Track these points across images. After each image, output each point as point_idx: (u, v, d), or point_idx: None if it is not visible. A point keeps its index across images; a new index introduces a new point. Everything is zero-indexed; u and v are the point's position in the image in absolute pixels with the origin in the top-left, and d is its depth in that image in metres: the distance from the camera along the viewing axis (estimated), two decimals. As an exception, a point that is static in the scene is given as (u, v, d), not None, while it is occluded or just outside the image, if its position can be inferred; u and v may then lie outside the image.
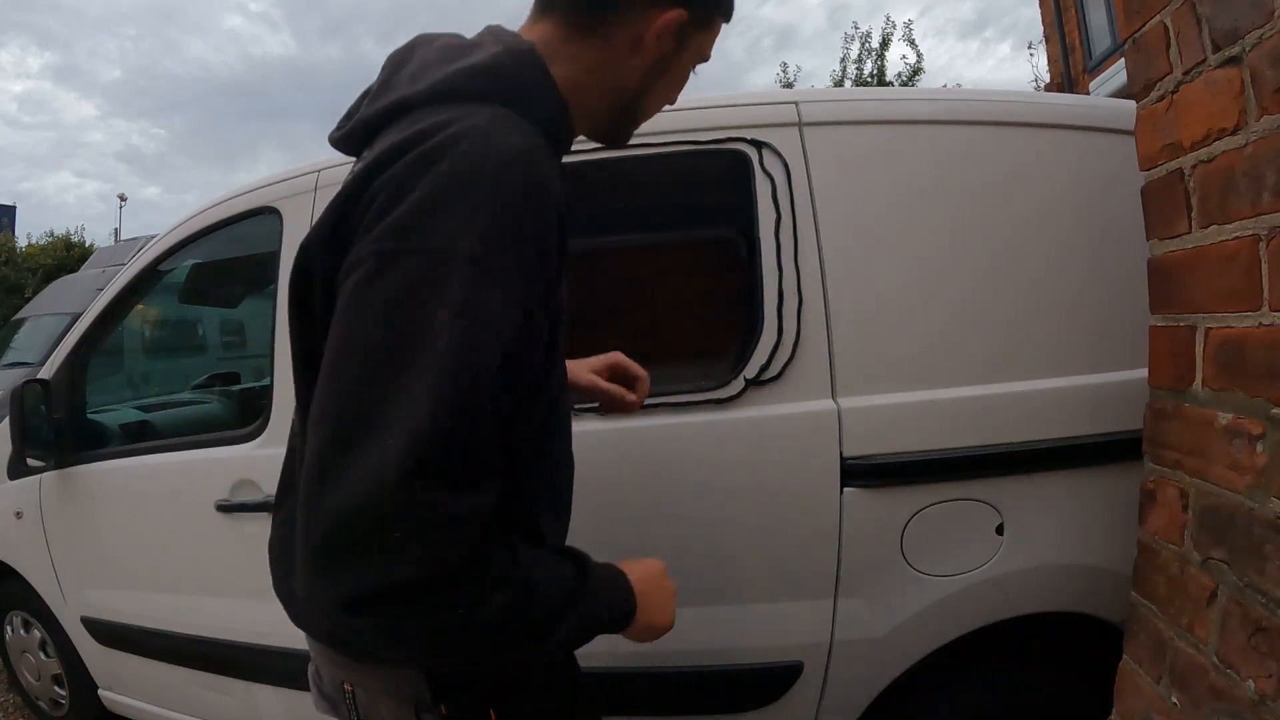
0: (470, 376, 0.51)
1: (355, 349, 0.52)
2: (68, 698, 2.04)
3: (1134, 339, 1.03)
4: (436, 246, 0.52)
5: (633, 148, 1.28)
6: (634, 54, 0.69)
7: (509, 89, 0.62)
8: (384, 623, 0.51)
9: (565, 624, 0.60)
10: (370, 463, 0.48)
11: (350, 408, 0.50)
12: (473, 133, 0.55)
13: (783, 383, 1.20)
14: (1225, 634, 0.78)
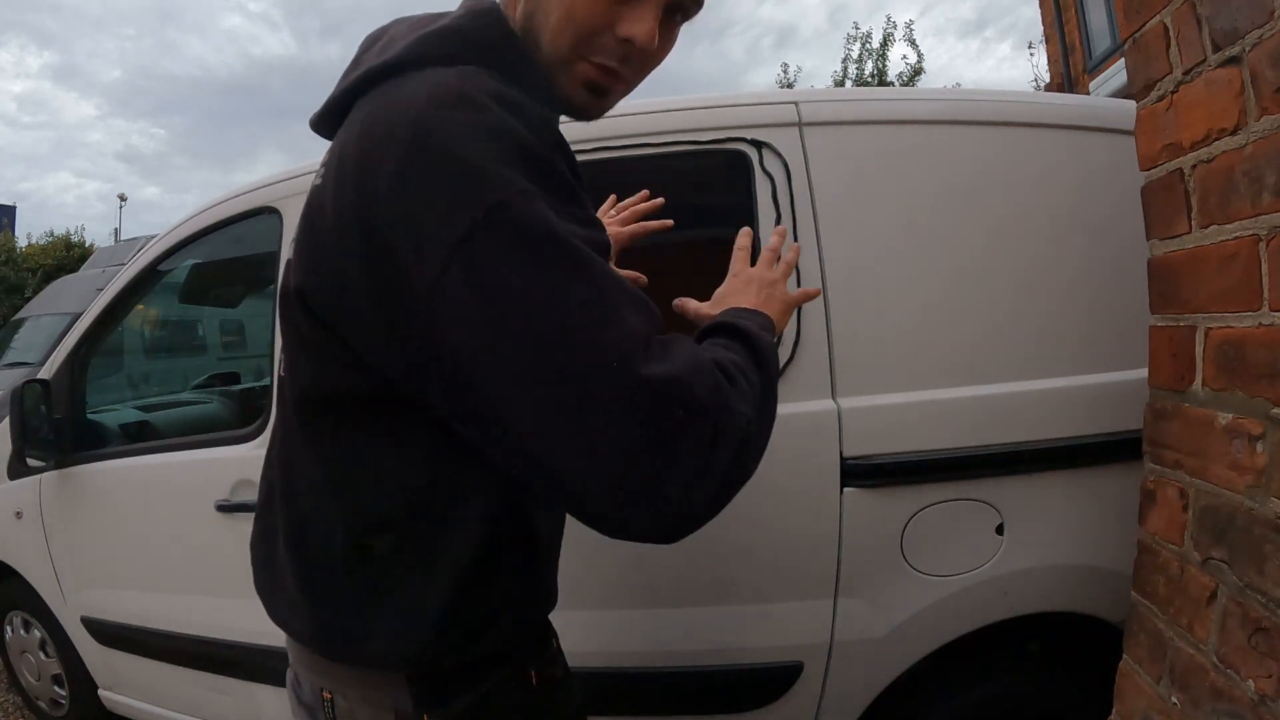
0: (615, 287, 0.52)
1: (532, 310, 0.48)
2: (68, 698, 2.04)
3: (1134, 339, 1.03)
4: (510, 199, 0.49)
5: (633, 148, 1.29)
6: None
7: (475, 49, 0.58)
8: (721, 474, 0.52)
9: (770, 369, 0.62)
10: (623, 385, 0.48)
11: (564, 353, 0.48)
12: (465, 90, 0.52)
13: (783, 383, 1.20)
14: (1225, 634, 0.78)
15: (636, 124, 1.29)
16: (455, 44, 0.58)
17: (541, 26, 0.61)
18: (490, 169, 0.49)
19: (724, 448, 0.52)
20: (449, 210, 0.48)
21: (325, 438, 0.63)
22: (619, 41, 0.60)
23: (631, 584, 1.26)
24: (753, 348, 0.62)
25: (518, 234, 0.48)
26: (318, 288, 0.57)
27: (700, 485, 0.51)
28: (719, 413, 0.52)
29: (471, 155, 0.49)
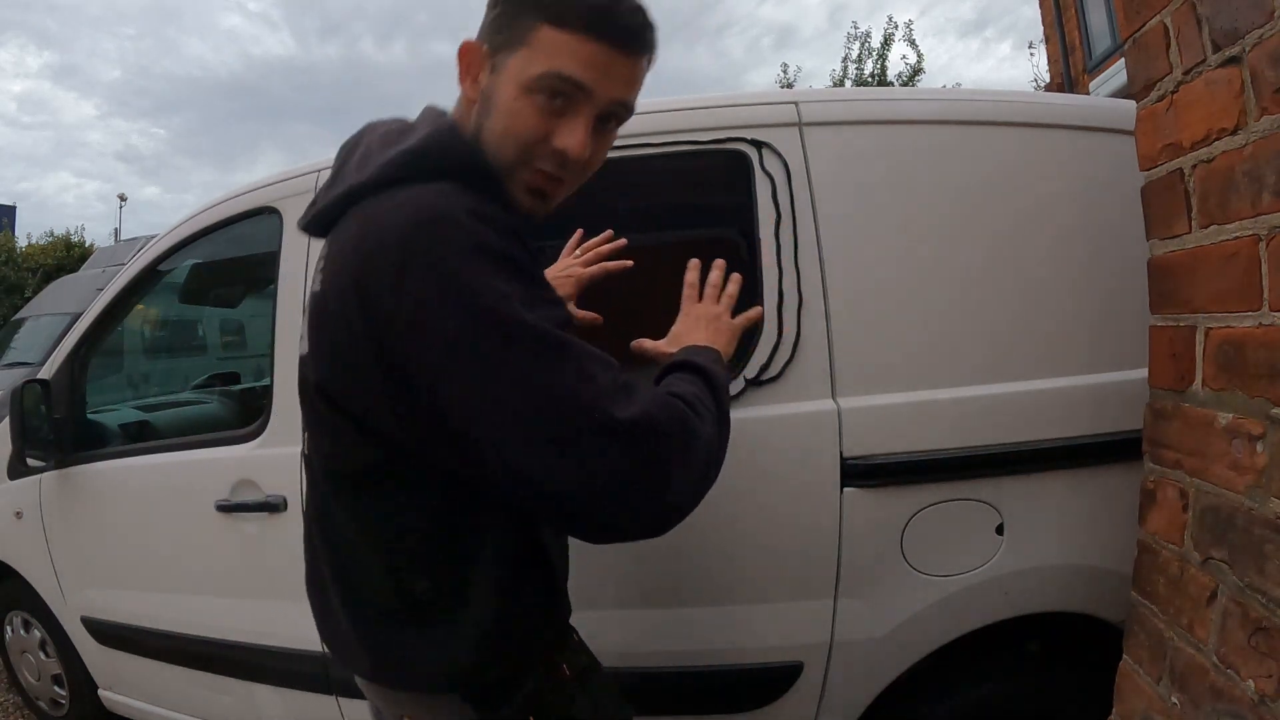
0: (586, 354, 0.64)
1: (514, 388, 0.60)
2: (68, 698, 2.04)
3: (1133, 339, 1.03)
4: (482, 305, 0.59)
5: (633, 148, 1.29)
6: (471, 106, 0.71)
7: (439, 166, 0.66)
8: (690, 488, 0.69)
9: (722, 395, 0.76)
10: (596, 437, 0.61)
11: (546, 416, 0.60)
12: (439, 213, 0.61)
13: (783, 383, 1.20)
14: (1225, 634, 0.78)
15: (636, 124, 1.28)
16: (424, 163, 0.66)
17: (488, 138, 0.69)
18: (475, 281, 0.59)
19: (692, 462, 0.67)
20: (444, 318, 0.59)
21: (353, 502, 0.73)
22: (555, 152, 0.69)
23: (631, 584, 1.26)
24: (708, 379, 0.76)
25: (504, 333, 0.59)
26: (337, 383, 0.68)
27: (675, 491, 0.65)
28: (684, 436, 0.66)
29: (459, 269, 0.59)
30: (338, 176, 0.74)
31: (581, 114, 0.68)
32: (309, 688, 1.46)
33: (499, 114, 0.68)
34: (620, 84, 0.69)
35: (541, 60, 0.66)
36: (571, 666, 0.83)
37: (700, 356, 0.81)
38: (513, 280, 0.61)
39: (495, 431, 0.60)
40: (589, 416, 0.60)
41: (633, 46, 0.69)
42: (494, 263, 0.60)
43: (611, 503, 0.62)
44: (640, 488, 0.63)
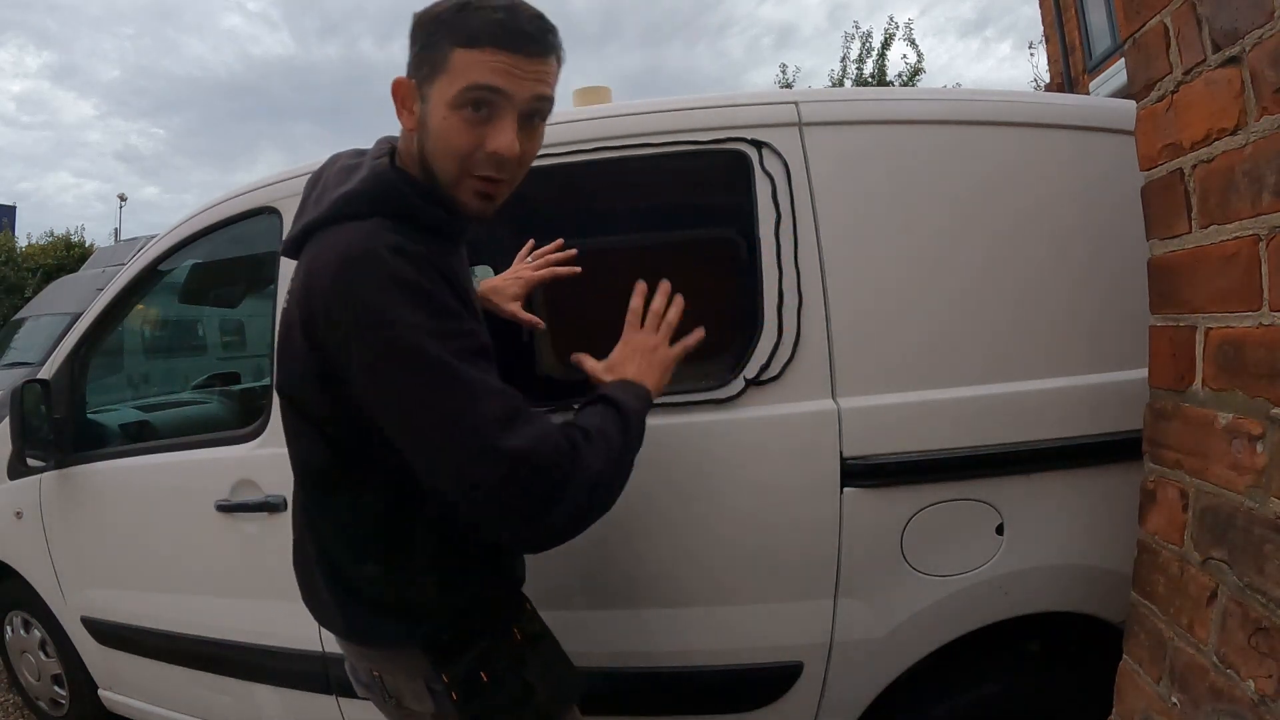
0: (480, 385, 0.72)
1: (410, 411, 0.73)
2: (68, 698, 2.04)
3: (1133, 339, 1.03)
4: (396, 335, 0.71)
5: (633, 148, 1.29)
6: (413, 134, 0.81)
7: (376, 205, 0.79)
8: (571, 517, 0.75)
9: (633, 431, 0.85)
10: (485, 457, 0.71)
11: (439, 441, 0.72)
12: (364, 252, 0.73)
13: (783, 383, 1.20)
14: (1225, 634, 0.78)
15: (636, 124, 1.29)
16: (364, 204, 0.79)
17: (431, 157, 0.80)
18: (387, 313, 0.71)
19: (573, 490, 0.74)
20: (362, 346, 0.73)
21: (319, 495, 0.89)
22: (489, 155, 0.77)
23: (631, 584, 1.26)
24: (623, 418, 0.84)
25: (406, 362, 0.71)
26: (296, 391, 0.84)
27: (552, 519, 0.73)
28: (567, 469, 0.74)
29: (374, 303, 0.72)
30: (303, 207, 0.89)
31: (506, 117, 0.76)
32: (309, 688, 1.46)
33: (434, 135, 0.78)
34: (532, 83, 0.77)
35: (459, 79, 0.74)
36: (523, 631, 0.94)
37: (623, 393, 0.88)
38: (420, 310, 0.72)
39: (407, 443, 0.74)
40: (471, 440, 0.70)
41: (536, 50, 0.76)
42: (407, 295, 0.72)
43: (490, 519, 0.73)
44: (515, 511, 0.72)
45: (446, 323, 0.73)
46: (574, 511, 0.75)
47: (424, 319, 0.72)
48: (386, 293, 0.72)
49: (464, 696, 0.86)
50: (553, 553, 1.26)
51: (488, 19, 0.73)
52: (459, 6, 0.74)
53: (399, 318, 0.71)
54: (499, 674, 0.88)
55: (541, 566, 1.28)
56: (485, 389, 0.73)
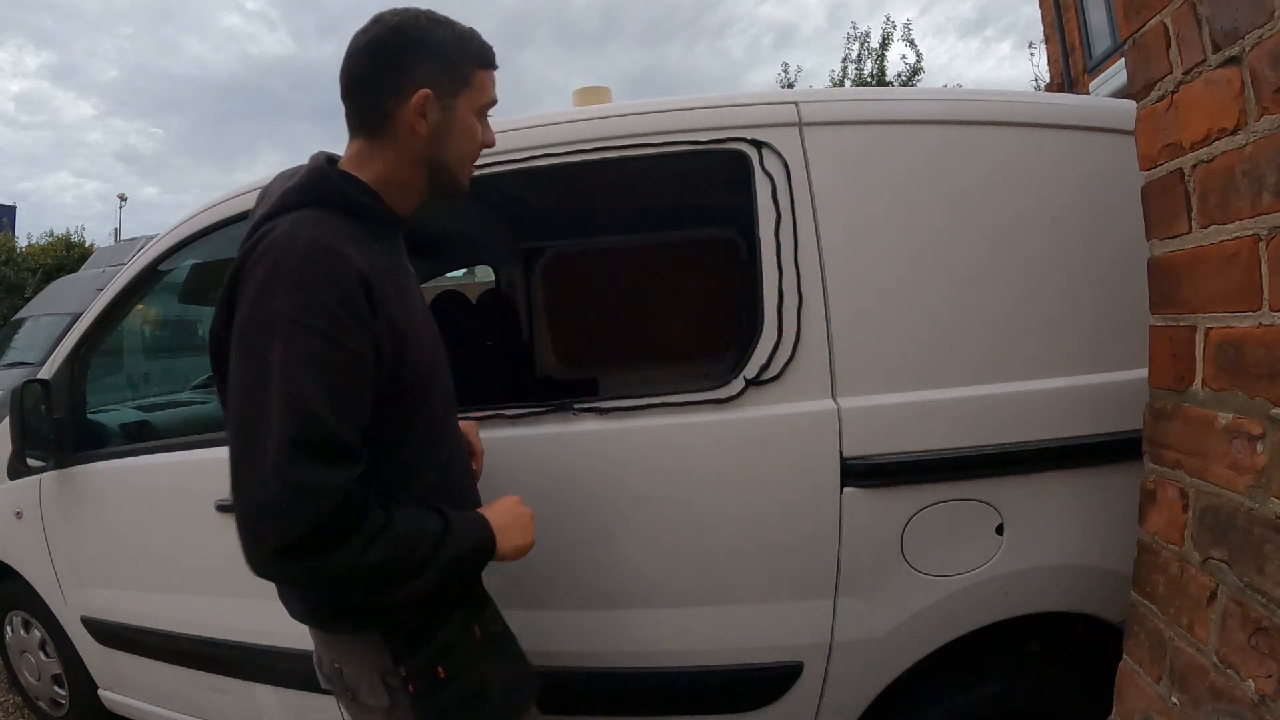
0: (304, 394, 0.73)
1: (241, 388, 0.77)
2: (68, 698, 2.04)
3: (1133, 339, 1.03)
4: (264, 316, 0.76)
5: (633, 148, 1.29)
6: (413, 137, 0.88)
7: (313, 196, 0.85)
8: (299, 569, 0.74)
9: (436, 563, 0.82)
10: (262, 457, 0.72)
11: (245, 426, 0.75)
12: (281, 234, 0.79)
13: (783, 383, 1.20)
14: (1225, 634, 0.78)
15: (637, 124, 1.29)
16: (299, 195, 0.85)
17: (450, 157, 0.92)
18: (272, 295, 0.76)
19: (327, 561, 0.74)
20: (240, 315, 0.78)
21: None
22: (485, 148, 0.96)
23: (632, 585, 1.26)
24: (449, 541, 0.84)
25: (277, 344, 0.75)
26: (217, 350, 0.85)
27: (282, 562, 0.73)
28: (329, 536, 0.73)
29: (267, 282, 0.77)
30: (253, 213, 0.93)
31: (488, 118, 0.96)
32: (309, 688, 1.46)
33: (462, 136, 0.91)
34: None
35: (483, 94, 0.92)
36: (483, 630, 0.96)
37: (466, 528, 0.88)
38: (301, 307, 0.75)
39: (228, 419, 0.78)
40: (264, 447, 0.72)
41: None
42: (295, 286, 0.76)
43: (240, 523, 0.74)
44: (253, 535, 0.73)
45: (336, 327, 0.76)
46: (310, 578, 0.77)
47: (310, 317, 0.75)
48: (280, 276, 0.76)
49: (420, 690, 0.88)
50: (552, 553, 1.27)
51: (484, 44, 0.92)
52: (469, 34, 0.91)
53: (277, 302, 0.75)
54: (457, 670, 0.90)
55: (541, 566, 1.28)
56: (310, 409, 0.73)
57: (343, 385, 0.77)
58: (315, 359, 0.75)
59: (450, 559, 0.83)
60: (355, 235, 0.83)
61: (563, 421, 1.27)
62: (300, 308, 0.75)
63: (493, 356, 2.70)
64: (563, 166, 1.32)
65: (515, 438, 1.28)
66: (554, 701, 1.31)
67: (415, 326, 0.88)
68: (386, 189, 0.90)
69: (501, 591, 1.30)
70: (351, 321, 0.77)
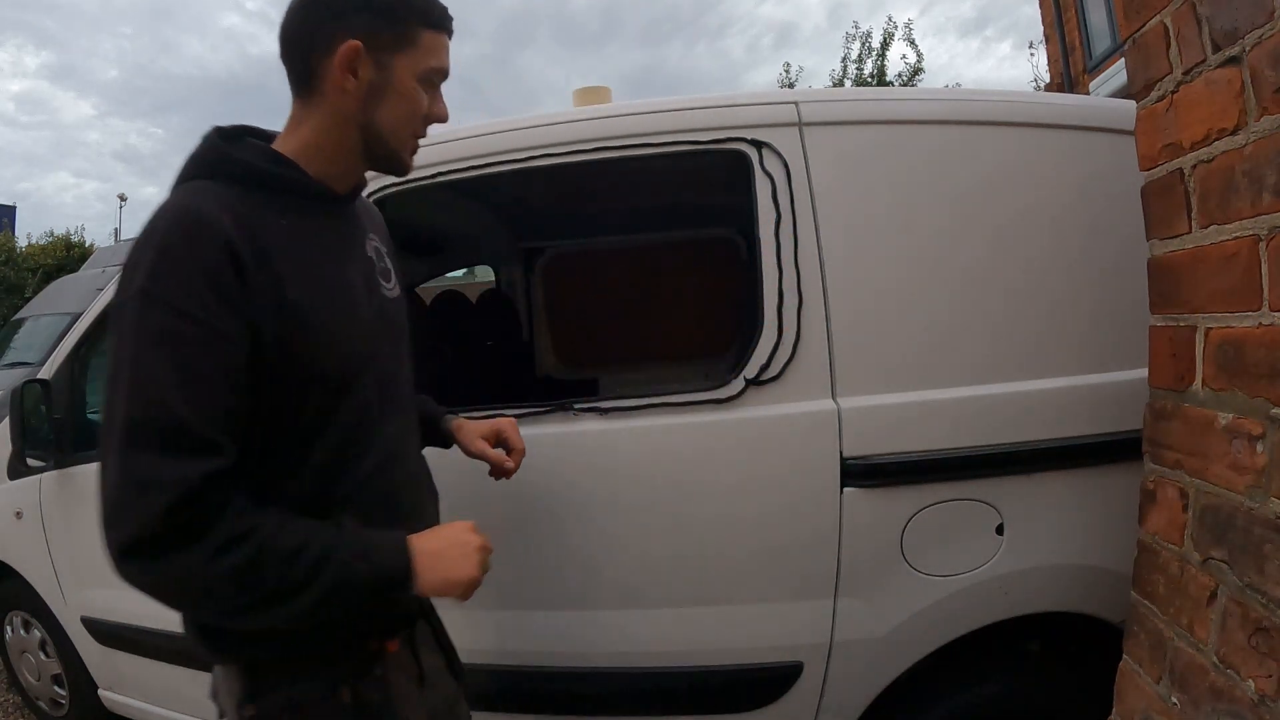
0: (149, 374, 0.67)
1: (107, 371, 0.70)
2: (68, 698, 2.04)
3: (1133, 339, 1.03)
4: (127, 291, 0.70)
5: (633, 148, 1.29)
6: (341, 96, 0.79)
7: (199, 167, 0.79)
8: (138, 573, 0.67)
9: (316, 587, 0.70)
10: (106, 445, 0.67)
11: (105, 411, 0.69)
12: (160, 208, 0.74)
13: (783, 383, 1.20)
14: (1225, 634, 0.78)
15: (636, 124, 1.29)
16: (187, 168, 0.79)
17: (384, 123, 0.81)
18: (137, 275, 0.69)
19: (151, 558, 0.66)
20: (123, 289, 0.71)
21: None
22: (432, 120, 0.85)
23: (632, 585, 1.26)
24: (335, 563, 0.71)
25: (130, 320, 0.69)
26: None
27: (132, 556, 0.67)
28: (175, 537, 0.66)
29: (136, 256, 0.71)
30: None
31: (440, 89, 0.85)
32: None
33: (399, 101, 0.81)
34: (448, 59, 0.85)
35: (429, 57, 0.81)
36: (355, 695, 0.80)
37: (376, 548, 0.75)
38: (170, 286, 0.68)
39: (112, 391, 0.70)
40: (118, 423, 0.66)
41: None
42: (168, 272, 0.69)
43: (101, 506, 0.69)
44: (103, 533, 0.68)
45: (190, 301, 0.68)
46: (150, 584, 0.68)
47: (154, 286, 0.68)
48: (145, 249, 0.70)
49: None
50: (551, 552, 1.27)
51: (436, 4, 0.82)
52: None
53: (138, 277, 0.69)
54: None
55: (540, 566, 1.28)
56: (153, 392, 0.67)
57: (197, 367, 0.68)
58: (166, 336, 0.67)
59: (336, 584, 0.70)
60: (252, 207, 0.75)
61: (563, 421, 1.27)
62: (155, 280, 0.68)
63: (493, 356, 2.70)
64: (563, 166, 1.32)
65: (515, 438, 1.28)
66: (554, 702, 1.32)
67: (329, 313, 0.77)
68: (313, 156, 0.81)
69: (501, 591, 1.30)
70: (214, 296, 0.69)
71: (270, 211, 0.76)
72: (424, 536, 0.79)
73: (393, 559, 0.75)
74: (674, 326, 2.86)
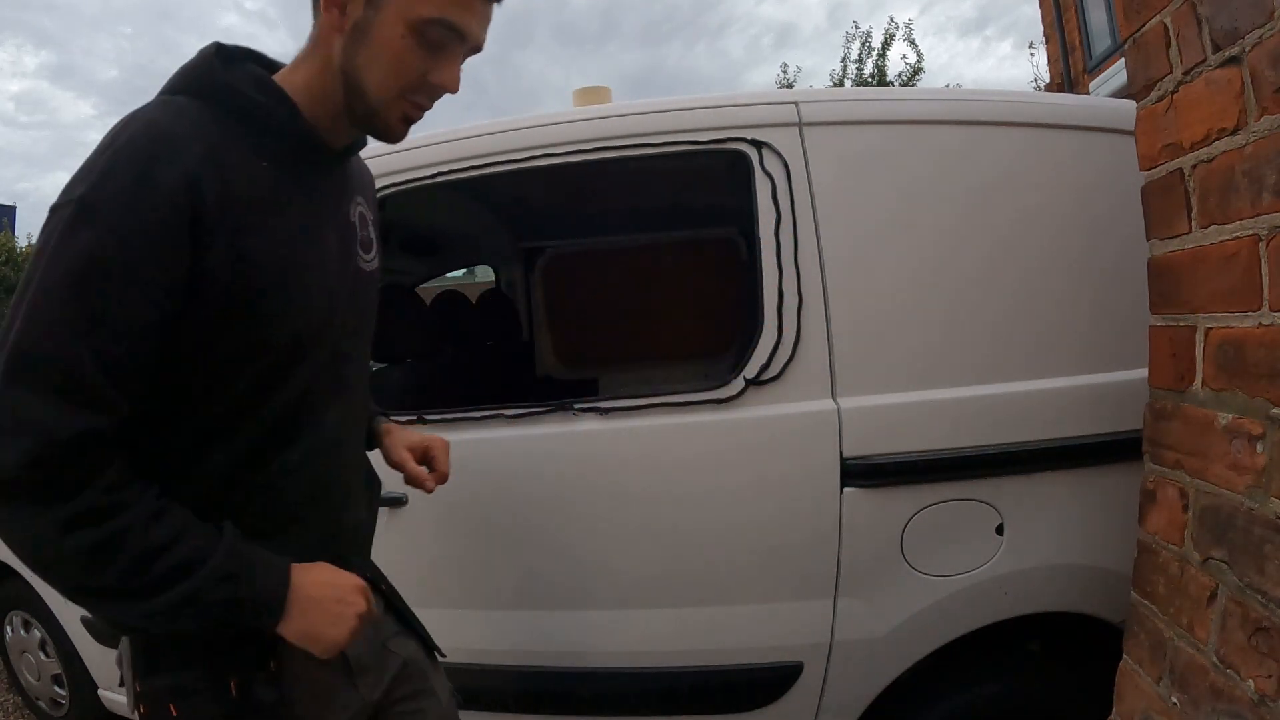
0: (57, 302, 0.59)
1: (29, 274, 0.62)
2: (68, 698, 2.04)
3: (1133, 339, 1.03)
4: (66, 195, 0.62)
5: (633, 148, 1.29)
6: (330, 35, 0.70)
7: (190, 82, 0.70)
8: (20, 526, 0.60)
9: (173, 594, 0.62)
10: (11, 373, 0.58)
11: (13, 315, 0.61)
12: (131, 113, 0.66)
13: (783, 383, 1.20)
14: (1225, 634, 0.78)
15: (636, 124, 1.29)
16: (175, 80, 0.71)
17: (364, 73, 0.70)
18: (81, 182, 0.62)
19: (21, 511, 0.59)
20: (64, 192, 0.63)
21: None
22: (434, 87, 0.72)
23: (632, 584, 1.26)
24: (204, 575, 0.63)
25: (57, 230, 0.61)
26: None
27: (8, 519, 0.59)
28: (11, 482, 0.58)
29: (90, 170, 0.62)
30: None
31: (456, 54, 0.72)
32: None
33: (381, 50, 0.69)
34: (483, 29, 0.73)
35: (431, 5, 0.68)
36: (241, 689, 0.71)
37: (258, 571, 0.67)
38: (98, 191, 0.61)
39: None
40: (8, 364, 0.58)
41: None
42: (121, 181, 0.61)
43: None
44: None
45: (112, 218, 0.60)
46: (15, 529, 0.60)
47: (92, 198, 0.60)
48: (98, 157, 0.63)
49: (147, 716, 0.72)
50: (551, 552, 1.27)
51: None
52: None
53: (79, 187, 0.61)
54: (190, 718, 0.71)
55: (540, 566, 1.29)
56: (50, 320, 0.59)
57: (112, 307, 0.60)
58: (89, 262, 0.59)
59: (188, 597, 0.62)
60: (231, 139, 0.67)
61: (563, 421, 1.27)
62: (98, 191, 0.60)
63: (493, 356, 2.70)
64: (563, 166, 1.32)
65: (515, 438, 1.28)
66: (554, 702, 1.32)
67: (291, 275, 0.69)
68: (303, 101, 0.72)
69: (500, 591, 1.30)
70: (159, 231, 0.61)
71: (249, 149, 0.68)
72: (310, 574, 0.70)
73: (266, 591, 0.67)
74: (674, 326, 2.86)
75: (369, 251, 0.84)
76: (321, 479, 0.77)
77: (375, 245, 0.86)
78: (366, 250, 0.83)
